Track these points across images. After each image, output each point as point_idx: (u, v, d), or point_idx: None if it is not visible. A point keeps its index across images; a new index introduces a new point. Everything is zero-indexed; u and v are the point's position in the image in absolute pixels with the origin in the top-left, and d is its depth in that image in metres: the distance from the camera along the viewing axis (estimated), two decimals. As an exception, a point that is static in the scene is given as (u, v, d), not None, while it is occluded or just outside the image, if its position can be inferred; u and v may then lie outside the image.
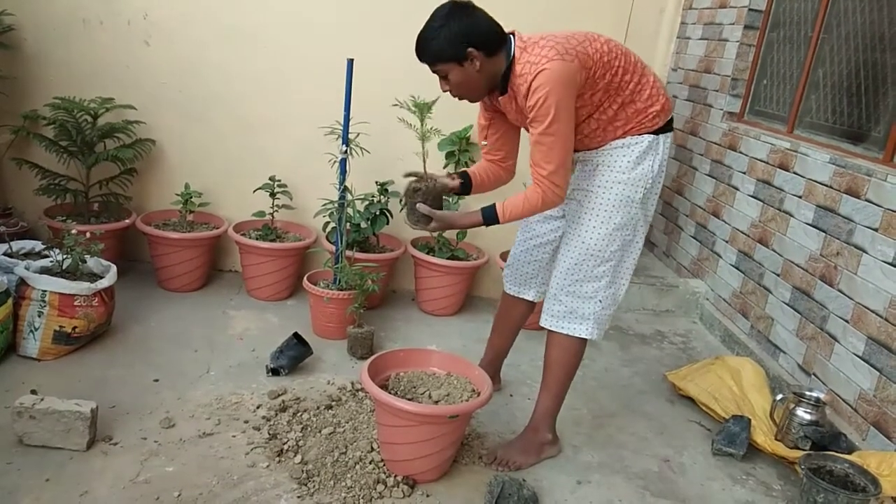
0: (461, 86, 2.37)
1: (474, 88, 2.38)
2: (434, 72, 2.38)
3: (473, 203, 3.09)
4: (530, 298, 2.90)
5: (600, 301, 2.52)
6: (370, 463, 2.47)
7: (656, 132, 2.43)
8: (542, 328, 2.62)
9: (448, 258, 3.80)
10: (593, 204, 2.44)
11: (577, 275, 2.51)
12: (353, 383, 3.03)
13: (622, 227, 2.44)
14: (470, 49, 2.26)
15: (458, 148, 3.87)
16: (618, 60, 2.33)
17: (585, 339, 2.59)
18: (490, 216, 2.44)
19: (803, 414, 2.87)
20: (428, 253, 3.86)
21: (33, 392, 2.55)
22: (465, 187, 2.63)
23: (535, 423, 2.68)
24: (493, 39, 2.30)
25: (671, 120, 2.49)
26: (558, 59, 2.20)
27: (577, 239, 2.48)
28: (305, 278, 3.50)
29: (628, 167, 2.40)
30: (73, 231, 3.06)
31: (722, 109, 4.47)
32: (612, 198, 2.41)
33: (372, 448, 2.54)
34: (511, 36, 2.34)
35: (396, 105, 3.53)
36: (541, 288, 2.86)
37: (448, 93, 2.42)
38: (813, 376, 3.29)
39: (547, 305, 2.61)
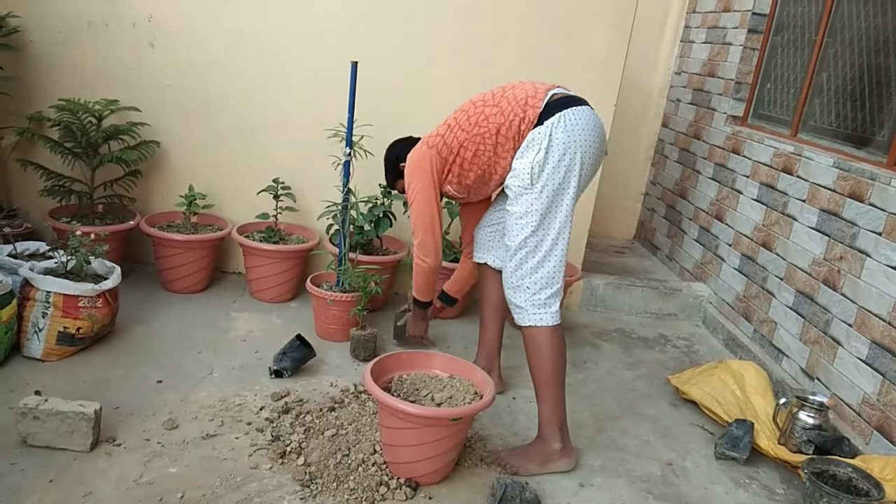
0: None
1: None
2: (400, 192, 3.10)
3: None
4: (486, 261, 3.07)
5: (528, 287, 2.61)
6: (373, 465, 2.47)
7: (539, 123, 2.56)
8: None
9: (451, 261, 3.80)
10: (504, 205, 2.73)
11: (505, 269, 2.69)
12: (355, 385, 3.03)
13: (523, 216, 2.57)
14: (401, 164, 3.00)
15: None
16: (465, 115, 2.73)
17: (547, 331, 2.60)
18: (415, 300, 3.18)
19: (806, 418, 2.87)
20: (431, 255, 3.86)
21: (37, 393, 2.56)
22: (449, 299, 3.42)
23: (541, 432, 2.66)
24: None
25: (557, 101, 2.57)
26: (415, 152, 2.85)
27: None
28: (309, 280, 3.50)
29: (515, 164, 2.60)
30: (78, 232, 3.07)
31: (725, 113, 4.47)
32: (510, 193, 2.62)
33: (374, 450, 2.54)
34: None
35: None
36: (495, 254, 3.03)
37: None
38: (816, 380, 3.28)
39: None
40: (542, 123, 2.54)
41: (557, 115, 2.53)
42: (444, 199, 3.08)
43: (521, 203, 2.57)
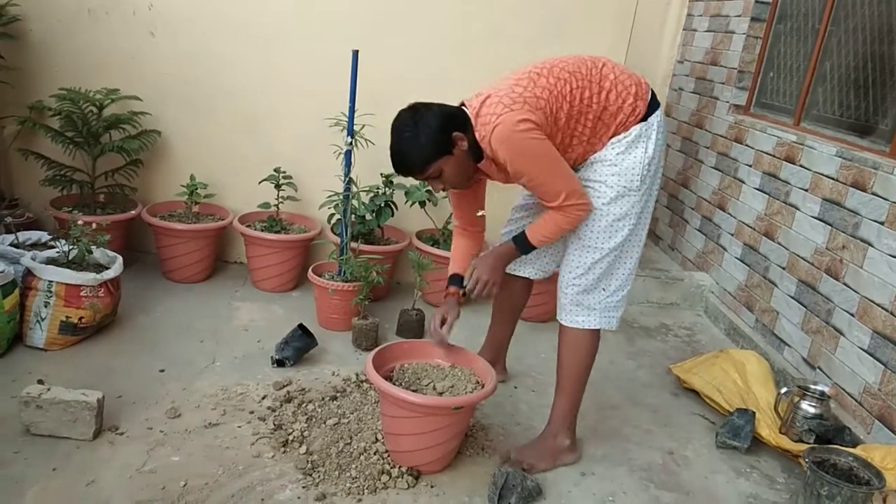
0: (458, 175, 2.37)
1: (467, 171, 2.39)
2: (426, 178, 2.36)
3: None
4: (525, 275, 2.84)
5: (604, 289, 2.47)
6: (374, 454, 2.48)
7: (644, 118, 2.37)
8: (546, 320, 2.61)
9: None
10: (591, 198, 2.40)
11: (580, 267, 2.46)
12: (357, 374, 3.03)
13: (622, 218, 2.38)
14: (455, 134, 2.26)
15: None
16: (569, 86, 2.30)
17: (596, 333, 2.54)
18: (523, 243, 2.45)
19: (808, 407, 2.87)
20: (433, 245, 3.86)
21: (40, 382, 2.57)
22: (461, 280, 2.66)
23: (552, 427, 2.63)
24: (462, 116, 2.30)
25: (653, 97, 2.43)
26: (506, 111, 2.19)
27: (577, 236, 2.45)
28: (310, 270, 3.50)
29: (618, 158, 2.36)
30: (79, 222, 3.07)
31: (728, 102, 4.46)
32: (608, 191, 2.37)
33: (376, 439, 2.55)
34: (462, 107, 2.35)
35: None
36: (540, 266, 2.81)
37: (442, 191, 2.47)
38: (818, 370, 3.28)
39: (558, 299, 2.57)
40: (645, 119, 2.37)
41: (656, 113, 2.39)
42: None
43: (622, 204, 2.37)
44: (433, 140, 2.25)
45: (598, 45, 3.84)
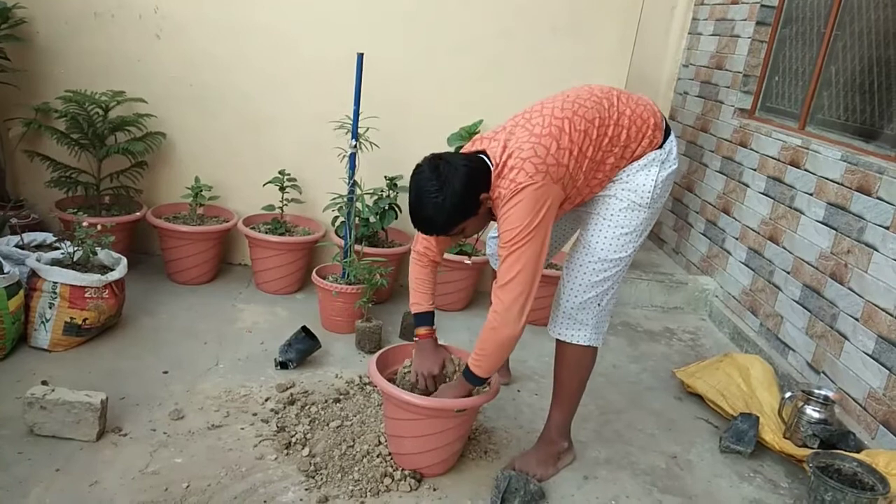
0: (477, 228, 2.36)
1: (486, 223, 2.38)
2: (449, 235, 2.35)
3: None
4: None
5: (598, 304, 2.44)
6: (377, 456, 2.48)
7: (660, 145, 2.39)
8: (548, 324, 2.60)
9: (456, 254, 3.80)
10: (599, 211, 2.41)
11: (583, 282, 2.43)
12: (360, 377, 3.04)
13: (630, 233, 2.38)
14: (482, 196, 2.22)
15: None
16: (588, 139, 2.26)
17: (594, 349, 2.52)
18: (471, 377, 2.35)
19: (812, 412, 2.86)
20: (436, 248, 3.85)
21: (44, 383, 2.58)
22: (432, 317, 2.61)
23: (549, 435, 2.62)
24: (485, 172, 2.22)
25: (665, 123, 2.44)
26: (528, 182, 2.15)
27: (584, 247, 2.43)
28: (314, 272, 3.51)
29: (630, 178, 2.37)
30: (84, 223, 3.08)
31: (733, 106, 4.45)
32: (617, 203, 2.37)
33: (379, 441, 2.55)
34: (483, 155, 2.26)
35: None
36: None
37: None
38: (822, 374, 3.27)
39: (551, 312, 2.54)
40: (661, 147, 2.38)
41: (670, 139, 2.41)
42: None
43: (631, 217, 2.37)
44: (460, 206, 2.20)
45: (603, 48, 3.85)
